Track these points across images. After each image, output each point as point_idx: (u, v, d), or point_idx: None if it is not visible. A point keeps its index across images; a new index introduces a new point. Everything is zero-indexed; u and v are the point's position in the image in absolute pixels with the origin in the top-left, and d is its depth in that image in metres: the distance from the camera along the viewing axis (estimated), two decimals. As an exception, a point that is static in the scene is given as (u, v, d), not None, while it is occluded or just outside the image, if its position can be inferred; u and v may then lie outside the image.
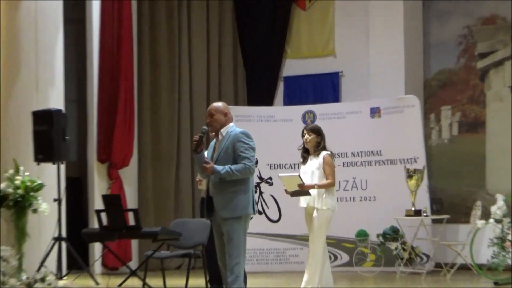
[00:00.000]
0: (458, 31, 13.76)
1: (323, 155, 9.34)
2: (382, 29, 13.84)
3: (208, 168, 7.50)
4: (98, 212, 9.69)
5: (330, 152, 9.44)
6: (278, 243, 13.09)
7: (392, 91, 13.38)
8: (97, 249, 12.64)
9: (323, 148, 9.42)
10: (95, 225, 10.33)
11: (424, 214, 12.16)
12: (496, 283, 10.53)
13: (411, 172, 12.21)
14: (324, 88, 14.40)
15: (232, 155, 7.59)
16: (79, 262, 10.61)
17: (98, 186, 13.05)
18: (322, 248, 9.46)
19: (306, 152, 9.52)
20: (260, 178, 12.94)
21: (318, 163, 9.36)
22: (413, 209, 12.11)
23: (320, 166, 9.34)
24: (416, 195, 12.18)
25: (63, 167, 11.00)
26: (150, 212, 13.39)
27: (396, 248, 12.38)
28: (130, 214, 9.54)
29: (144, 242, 12.58)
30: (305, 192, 9.22)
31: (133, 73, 13.46)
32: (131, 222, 9.47)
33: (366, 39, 14.02)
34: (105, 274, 12.42)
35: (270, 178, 12.86)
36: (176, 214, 13.36)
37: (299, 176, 9.33)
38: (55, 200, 10.62)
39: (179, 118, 13.99)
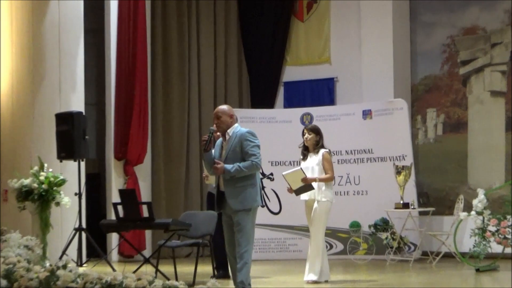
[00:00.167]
0: (442, 40, 13.75)
1: (322, 153, 9.42)
2: (373, 39, 13.83)
3: (219, 168, 7.52)
4: (115, 205, 9.70)
5: (328, 150, 9.53)
6: (279, 233, 13.07)
7: (382, 95, 13.37)
8: (114, 238, 12.63)
9: (322, 146, 9.51)
10: (112, 216, 10.33)
11: (412, 207, 12.15)
12: (477, 270, 10.53)
13: (400, 169, 12.19)
14: (320, 92, 14.38)
15: (240, 154, 7.63)
16: (97, 251, 10.61)
17: (115, 182, 13.04)
18: (323, 237, 9.53)
19: (306, 150, 9.61)
20: (263, 174, 12.91)
21: (317, 159, 9.44)
22: (401, 202, 12.10)
23: (319, 162, 9.41)
24: (404, 190, 12.16)
25: (83, 164, 11.00)
26: (162, 205, 13.37)
27: (386, 238, 12.38)
28: (144, 207, 9.53)
29: (156, 232, 12.54)
30: (308, 186, 9.27)
31: (147, 78, 13.44)
32: (145, 214, 9.45)
33: (359, 48, 14.00)
34: (121, 262, 12.43)
35: (272, 174, 12.83)
36: (185, 207, 13.36)
37: (301, 169, 9.35)
38: (76, 194, 10.64)
39: (189, 119, 13.97)
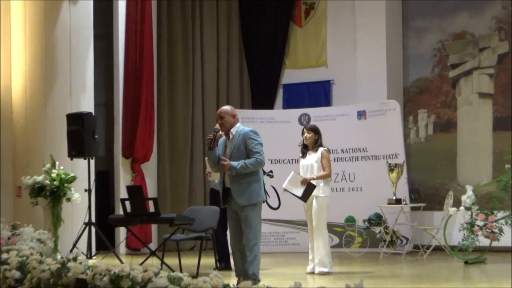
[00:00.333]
0: (432, 45, 13.73)
1: (321, 151, 9.46)
2: (367, 43, 13.82)
3: (226, 165, 7.53)
4: (123, 200, 9.68)
5: (327, 148, 9.56)
6: (278, 228, 13.05)
7: (376, 97, 13.37)
8: (121, 232, 12.61)
9: (320, 145, 9.53)
10: (120, 211, 10.30)
11: (404, 203, 12.13)
12: (466, 262, 10.52)
13: (392, 166, 12.18)
14: (317, 94, 14.36)
15: (244, 151, 7.66)
16: (106, 244, 10.58)
17: (123, 178, 13.03)
18: (326, 231, 9.57)
19: (305, 148, 9.63)
20: (263, 171, 12.89)
21: (316, 157, 9.47)
22: (394, 198, 12.08)
23: (318, 160, 9.44)
24: (397, 186, 12.15)
25: (92, 162, 10.98)
26: (167, 201, 13.36)
27: (380, 232, 12.36)
28: (150, 203, 9.49)
29: (162, 227, 12.53)
30: (311, 186, 9.29)
31: (153, 81, 13.44)
32: (151, 209, 9.42)
33: (354, 52, 13.98)
34: (128, 254, 12.42)
35: (271, 171, 12.72)
36: (189, 202, 13.35)
37: (294, 172, 9.38)
38: (85, 190, 10.61)
39: (193, 120, 13.96)
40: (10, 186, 11.91)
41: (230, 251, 10.24)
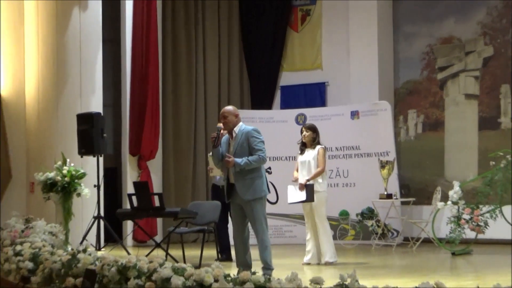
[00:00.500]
0: (421, 49, 13.71)
1: (318, 148, 9.50)
2: (360, 47, 13.79)
3: (230, 161, 7.54)
4: (129, 195, 9.69)
5: (323, 146, 9.59)
6: (276, 221, 13.02)
7: (368, 98, 13.35)
8: (129, 225, 12.61)
9: (318, 143, 9.57)
10: (127, 206, 10.30)
11: (394, 197, 12.14)
12: (453, 254, 10.51)
13: (384, 163, 12.18)
14: (313, 95, 14.33)
15: (247, 149, 7.67)
16: (114, 237, 10.58)
17: (130, 175, 13.02)
18: (327, 224, 9.67)
19: (304, 146, 9.68)
20: (263, 167, 12.92)
21: (313, 154, 9.53)
22: (385, 193, 12.08)
23: (315, 157, 9.51)
24: (388, 182, 12.15)
25: (101, 159, 10.97)
26: (172, 196, 13.35)
27: (372, 225, 12.35)
28: (156, 198, 9.49)
29: (166, 220, 12.53)
30: (309, 188, 9.40)
31: (158, 82, 13.44)
32: (157, 203, 9.42)
33: (347, 56, 13.97)
34: (135, 246, 12.42)
35: (270, 168, 12.69)
36: (193, 197, 13.34)
37: (289, 186, 9.62)
38: (95, 186, 10.60)
39: (196, 119, 13.94)
40: (23, 182, 11.93)
41: (232, 243, 10.30)
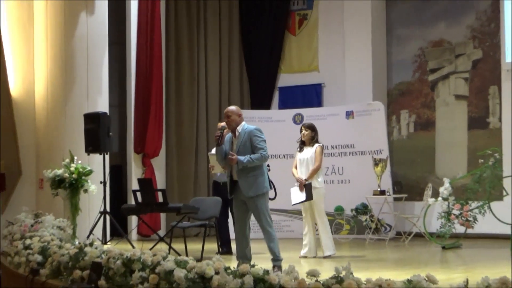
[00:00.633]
0: (413, 51, 13.70)
1: (316, 146, 9.49)
2: (354, 50, 13.79)
3: (233, 159, 7.53)
4: (134, 192, 9.68)
5: (321, 144, 9.62)
6: (274, 216, 12.68)
7: (362, 98, 13.34)
8: (133, 220, 12.59)
9: (316, 141, 9.58)
10: (132, 201, 10.29)
11: (387, 194, 12.14)
12: (443, 247, 10.51)
13: (377, 161, 12.18)
14: (310, 96, 14.33)
15: (250, 147, 7.67)
16: (119, 231, 10.58)
17: (135, 172, 13.02)
18: (326, 218, 9.69)
19: (303, 144, 9.68)
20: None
21: (311, 152, 9.52)
22: (379, 189, 12.09)
23: (313, 155, 9.48)
24: (381, 179, 12.16)
25: (107, 157, 10.97)
26: (174, 192, 13.34)
27: (366, 220, 12.35)
28: (159, 194, 9.48)
29: (170, 215, 12.53)
30: (308, 185, 9.40)
31: (161, 84, 13.43)
32: (160, 199, 9.41)
33: (342, 58, 13.96)
34: (139, 240, 12.39)
35: (268, 165, 12.74)
36: (195, 193, 13.33)
37: (291, 188, 9.64)
38: (101, 182, 10.60)
39: (197, 119, 13.94)
40: (33, 179, 11.93)
41: (233, 237, 10.28)
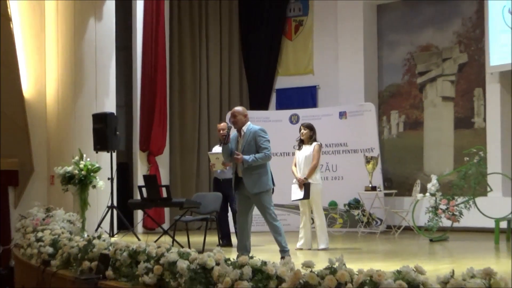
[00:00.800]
0: (403, 56, 13.71)
1: (314, 145, 9.50)
2: (347, 54, 13.81)
3: (239, 158, 7.55)
4: (140, 187, 9.66)
5: (319, 143, 9.61)
6: (272, 210, 12.97)
7: (355, 100, 13.36)
8: (139, 214, 12.57)
9: (315, 140, 9.58)
10: (138, 197, 10.27)
11: (378, 189, 12.14)
12: (431, 240, 10.51)
13: (369, 159, 12.17)
14: (305, 97, 14.33)
15: (254, 147, 7.69)
16: (126, 224, 10.56)
17: (140, 169, 13.01)
18: (323, 213, 9.68)
19: (302, 142, 9.68)
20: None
21: (310, 150, 9.52)
22: (370, 185, 12.08)
23: (311, 153, 9.49)
24: (372, 176, 12.14)
25: (114, 154, 10.94)
26: (178, 188, 13.33)
27: (358, 214, 12.35)
28: (163, 189, 9.47)
29: (173, 209, 12.52)
30: (307, 184, 9.40)
31: (165, 86, 13.43)
32: (164, 194, 9.40)
33: (336, 62, 13.98)
34: (145, 233, 12.37)
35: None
36: (197, 189, 13.33)
37: (292, 185, 9.56)
38: (108, 178, 10.58)
39: (199, 119, 13.94)
40: (44, 175, 11.91)
41: (232, 230, 10.27)
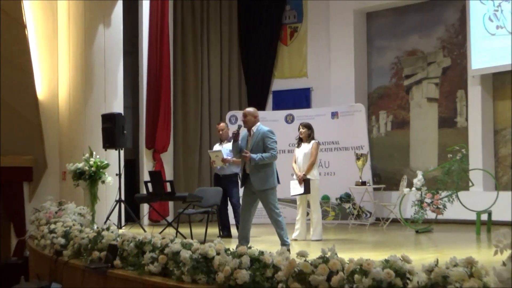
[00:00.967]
0: (391, 60, 13.74)
1: (312, 143, 9.55)
2: (339, 59, 13.82)
3: (247, 156, 7.58)
4: (146, 183, 9.68)
5: (317, 141, 9.66)
6: (269, 204, 12.99)
7: (346, 101, 13.37)
8: (145, 208, 12.61)
9: (312, 138, 9.63)
10: (144, 191, 10.30)
11: (368, 184, 12.16)
12: (417, 231, 10.55)
13: (359, 156, 12.21)
14: (300, 98, 14.34)
15: (262, 146, 7.69)
16: (133, 217, 10.60)
17: (146, 165, 13.03)
18: (319, 207, 9.70)
19: (300, 140, 9.74)
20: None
21: (308, 148, 9.57)
22: (360, 180, 12.10)
23: (309, 150, 9.54)
24: (362, 171, 12.18)
25: (122, 152, 10.96)
26: (181, 183, 13.35)
27: (349, 207, 12.37)
28: (168, 184, 9.51)
29: (177, 203, 12.55)
30: (307, 180, 9.46)
31: (170, 88, 13.44)
32: (168, 189, 9.44)
33: (329, 66, 13.99)
34: (150, 225, 12.42)
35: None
36: (199, 184, 13.35)
37: (291, 181, 9.61)
38: (116, 174, 10.60)
39: (201, 119, 13.96)
40: (57, 171, 11.94)
41: (233, 222, 10.33)
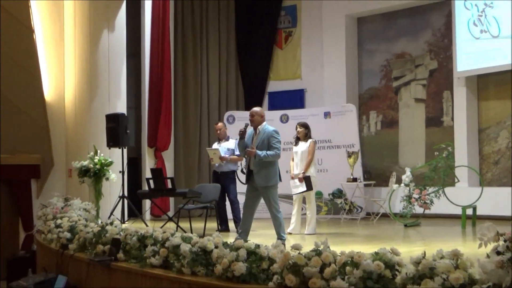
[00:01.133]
0: (380, 62, 13.71)
1: (309, 141, 9.54)
2: (331, 61, 13.79)
3: (252, 152, 7.55)
4: (148, 179, 9.66)
5: (314, 140, 9.66)
6: (265, 199, 12.96)
7: (338, 101, 13.36)
8: (147, 203, 12.56)
9: (309, 137, 9.62)
10: (146, 188, 10.26)
11: (359, 181, 12.13)
12: (405, 225, 10.52)
13: (350, 153, 12.17)
14: (294, 99, 14.31)
15: (267, 145, 7.63)
16: (135, 212, 10.55)
17: (148, 163, 12.97)
18: (315, 203, 9.72)
19: (298, 139, 9.73)
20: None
21: (305, 146, 9.57)
22: (351, 177, 12.08)
23: (306, 149, 9.53)
24: (354, 168, 12.13)
25: (125, 150, 10.92)
26: (181, 179, 13.31)
27: (341, 203, 12.34)
28: (169, 181, 9.45)
29: (177, 199, 12.50)
30: (307, 177, 9.48)
31: (171, 89, 13.40)
32: (169, 186, 9.38)
33: (321, 68, 13.96)
34: (152, 220, 12.35)
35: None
36: (198, 180, 13.30)
37: (291, 180, 9.60)
38: (120, 171, 10.57)
39: (201, 119, 13.91)
40: (63, 169, 11.90)
41: (230, 217, 10.25)
